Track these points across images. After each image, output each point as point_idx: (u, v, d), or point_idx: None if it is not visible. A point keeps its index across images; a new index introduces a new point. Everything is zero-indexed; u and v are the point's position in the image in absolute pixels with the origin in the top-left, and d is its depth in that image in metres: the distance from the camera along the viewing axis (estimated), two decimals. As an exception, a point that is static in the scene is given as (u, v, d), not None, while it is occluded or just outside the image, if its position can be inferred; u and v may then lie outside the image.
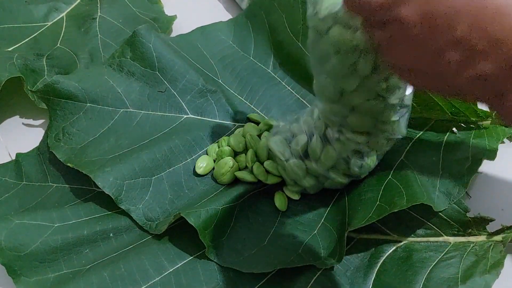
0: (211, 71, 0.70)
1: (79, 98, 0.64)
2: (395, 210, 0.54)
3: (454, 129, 0.64)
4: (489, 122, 0.63)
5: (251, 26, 0.75)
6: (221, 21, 0.75)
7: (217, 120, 0.67)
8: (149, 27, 0.70)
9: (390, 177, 0.59)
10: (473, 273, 0.54)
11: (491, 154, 0.60)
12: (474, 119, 0.64)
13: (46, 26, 0.78)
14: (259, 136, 0.64)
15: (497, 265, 0.54)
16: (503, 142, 0.63)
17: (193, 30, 0.75)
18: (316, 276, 0.54)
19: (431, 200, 0.55)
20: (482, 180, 0.64)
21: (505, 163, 0.64)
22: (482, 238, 0.56)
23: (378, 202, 0.56)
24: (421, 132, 0.64)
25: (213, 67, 0.71)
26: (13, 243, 0.54)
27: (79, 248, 0.55)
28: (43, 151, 0.65)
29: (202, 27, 0.75)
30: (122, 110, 0.65)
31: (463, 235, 0.57)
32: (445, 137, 0.63)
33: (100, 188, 0.59)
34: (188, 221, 0.53)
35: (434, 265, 0.55)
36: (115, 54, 0.69)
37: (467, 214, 0.57)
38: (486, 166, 0.64)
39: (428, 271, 0.54)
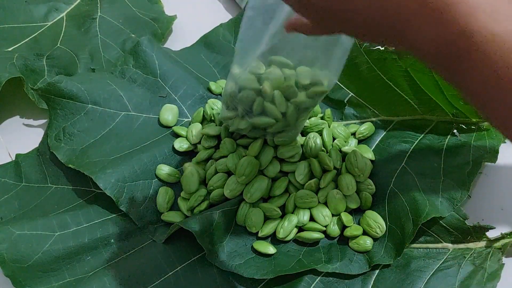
0: (214, 79, 0.70)
1: (81, 99, 0.64)
2: (406, 237, 0.55)
3: (455, 131, 0.63)
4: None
5: (252, 25, 0.74)
6: (221, 24, 0.75)
7: (218, 125, 0.67)
8: (151, 38, 0.71)
9: (391, 185, 0.60)
10: (470, 284, 0.54)
11: (492, 157, 0.60)
12: (475, 120, 0.63)
13: (46, 26, 0.77)
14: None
15: (494, 277, 0.54)
16: (504, 142, 0.63)
17: (196, 42, 0.75)
18: (315, 282, 0.54)
19: (435, 208, 0.55)
20: (482, 180, 0.64)
21: (505, 164, 0.64)
22: (481, 244, 0.56)
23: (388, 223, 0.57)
24: (422, 135, 0.64)
25: (215, 75, 0.71)
26: (16, 255, 0.54)
27: (81, 256, 0.56)
28: (43, 152, 0.64)
29: (204, 36, 0.75)
30: (123, 113, 0.65)
31: (462, 242, 0.57)
32: (446, 140, 0.63)
33: (99, 189, 0.59)
34: (185, 228, 0.54)
35: (432, 274, 0.55)
36: (117, 62, 0.69)
37: (467, 222, 0.57)
38: (486, 166, 0.65)
39: (425, 281, 0.54)
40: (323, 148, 0.62)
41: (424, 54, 0.34)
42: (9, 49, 0.73)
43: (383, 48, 0.63)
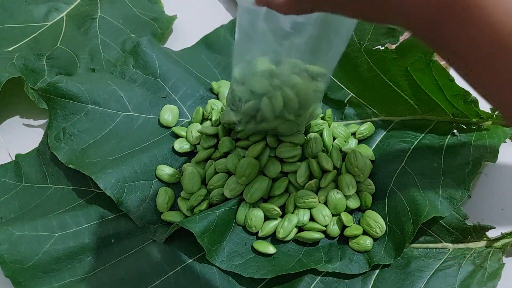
0: (214, 80, 0.70)
1: (81, 99, 0.64)
2: (406, 237, 0.55)
3: (455, 131, 0.63)
4: (490, 123, 0.63)
5: (252, 27, 0.75)
6: (222, 25, 0.75)
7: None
8: (151, 38, 0.71)
9: (391, 185, 0.60)
10: (470, 284, 0.54)
11: (493, 157, 0.60)
12: (475, 120, 0.63)
13: (46, 26, 0.77)
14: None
15: (494, 276, 0.54)
16: (505, 142, 0.63)
17: (197, 42, 0.75)
18: (315, 282, 0.54)
19: (435, 208, 0.55)
20: (482, 180, 0.64)
21: (505, 164, 0.64)
22: (481, 244, 0.56)
23: (388, 223, 0.57)
24: (422, 135, 0.64)
25: (216, 76, 0.71)
26: (16, 256, 0.54)
27: (82, 256, 0.56)
28: (43, 152, 0.64)
29: (205, 36, 0.75)
30: (123, 113, 0.65)
31: (462, 242, 0.57)
32: (446, 140, 0.63)
33: (99, 189, 0.59)
34: (186, 228, 0.54)
35: (432, 274, 0.55)
36: (117, 62, 0.69)
37: (467, 221, 0.57)
38: (486, 166, 0.65)
39: (426, 281, 0.54)
40: (323, 147, 0.62)
41: (410, 18, 0.34)
42: (9, 49, 0.73)
43: (383, 48, 0.63)
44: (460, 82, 0.58)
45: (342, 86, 0.68)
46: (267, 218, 0.58)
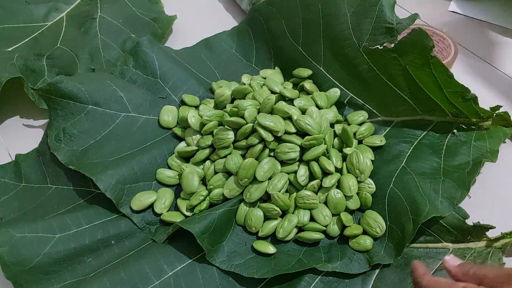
0: (214, 80, 0.70)
1: (81, 100, 0.64)
2: (406, 237, 0.55)
3: (455, 131, 0.63)
4: (490, 122, 0.63)
5: (252, 33, 0.75)
6: (224, 31, 0.76)
7: (218, 125, 0.67)
8: (152, 39, 0.71)
9: (391, 185, 0.59)
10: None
11: (493, 156, 0.60)
12: (475, 120, 0.63)
13: (46, 26, 0.77)
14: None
15: (495, 276, 0.53)
16: (504, 142, 0.63)
17: (197, 43, 0.75)
18: (315, 282, 0.54)
19: (435, 207, 0.55)
20: (482, 180, 0.64)
21: (505, 163, 0.64)
22: (481, 244, 0.56)
23: (388, 223, 0.57)
24: (422, 135, 0.64)
25: (216, 76, 0.71)
26: (17, 258, 0.54)
27: (82, 258, 0.55)
28: (43, 152, 0.64)
29: (206, 39, 0.76)
30: (123, 114, 0.65)
31: (463, 242, 0.57)
32: (446, 140, 0.63)
33: (99, 190, 0.59)
34: (185, 228, 0.54)
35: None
36: (117, 62, 0.69)
37: (467, 221, 0.57)
38: (486, 166, 0.65)
39: (426, 280, 0.54)
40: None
41: None
42: (9, 49, 0.74)
43: (382, 47, 0.63)
44: (459, 78, 0.58)
45: (341, 87, 0.68)
46: (267, 218, 0.58)
